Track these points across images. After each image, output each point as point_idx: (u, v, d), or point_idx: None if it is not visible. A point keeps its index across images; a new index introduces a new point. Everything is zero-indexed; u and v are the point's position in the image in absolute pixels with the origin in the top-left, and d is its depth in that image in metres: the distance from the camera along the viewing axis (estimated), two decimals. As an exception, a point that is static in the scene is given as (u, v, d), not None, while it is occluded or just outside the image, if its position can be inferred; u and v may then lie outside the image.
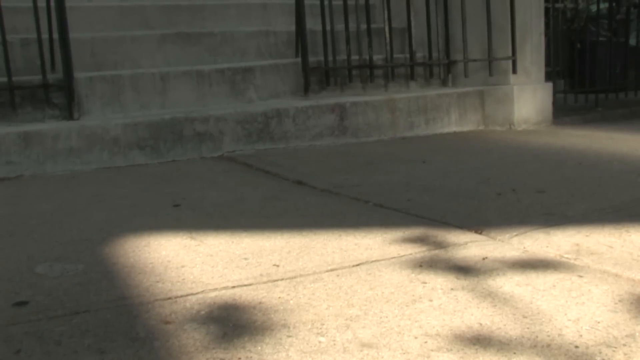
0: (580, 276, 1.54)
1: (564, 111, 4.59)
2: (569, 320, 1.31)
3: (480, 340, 1.24)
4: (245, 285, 1.56)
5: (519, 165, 2.89)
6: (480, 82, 4.29)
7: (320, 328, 1.31)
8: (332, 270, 1.65)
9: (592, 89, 4.98)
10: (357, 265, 1.68)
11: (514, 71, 4.21)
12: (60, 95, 3.38)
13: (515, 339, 1.24)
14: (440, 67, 4.39)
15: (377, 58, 4.16)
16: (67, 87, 3.34)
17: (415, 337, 1.26)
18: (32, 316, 1.41)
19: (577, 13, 5.44)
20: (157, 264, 1.73)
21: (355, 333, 1.28)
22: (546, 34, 4.54)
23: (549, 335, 1.25)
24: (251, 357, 1.20)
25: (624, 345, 1.20)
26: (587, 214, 2.06)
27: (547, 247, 1.77)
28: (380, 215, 2.18)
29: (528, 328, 1.28)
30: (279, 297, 1.48)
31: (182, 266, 1.71)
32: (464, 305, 1.40)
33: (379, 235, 1.93)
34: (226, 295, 1.50)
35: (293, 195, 2.50)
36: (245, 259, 1.76)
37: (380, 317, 1.35)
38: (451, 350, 1.20)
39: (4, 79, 3.27)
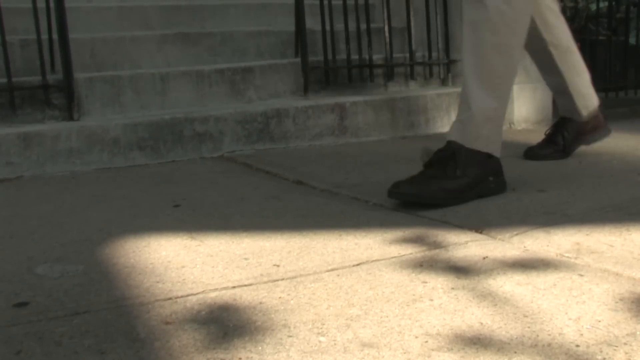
0: (581, 275, 1.54)
1: (564, 110, 4.58)
2: (570, 319, 1.31)
3: (481, 340, 1.24)
4: (245, 286, 1.56)
5: (518, 164, 2.89)
6: (480, 82, 4.28)
7: (321, 328, 1.31)
8: (332, 270, 1.65)
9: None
10: (358, 265, 1.68)
11: (514, 70, 4.20)
12: (60, 96, 3.38)
13: (516, 338, 1.24)
14: (440, 67, 4.39)
15: (377, 58, 4.16)
16: (67, 87, 3.34)
17: (416, 337, 1.26)
18: (32, 317, 1.41)
19: (577, 12, 5.43)
20: (157, 265, 1.73)
21: (355, 333, 1.28)
22: (546, 33, 4.53)
23: (549, 335, 1.24)
24: (252, 357, 1.20)
25: (625, 344, 1.19)
26: (588, 213, 2.06)
27: (547, 246, 1.77)
28: (380, 214, 2.18)
29: (529, 327, 1.28)
30: (280, 297, 1.48)
31: (183, 266, 1.71)
32: (465, 304, 1.40)
33: (379, 234, 1.93)
34: (227, 295, 1.50)
35: (293, 195, 2.50)
36: (246, 259, 1.76)
37: (381, 317, 1.35)
38: (452, 349, 1.20)
39: (4, 80, 3.26)
